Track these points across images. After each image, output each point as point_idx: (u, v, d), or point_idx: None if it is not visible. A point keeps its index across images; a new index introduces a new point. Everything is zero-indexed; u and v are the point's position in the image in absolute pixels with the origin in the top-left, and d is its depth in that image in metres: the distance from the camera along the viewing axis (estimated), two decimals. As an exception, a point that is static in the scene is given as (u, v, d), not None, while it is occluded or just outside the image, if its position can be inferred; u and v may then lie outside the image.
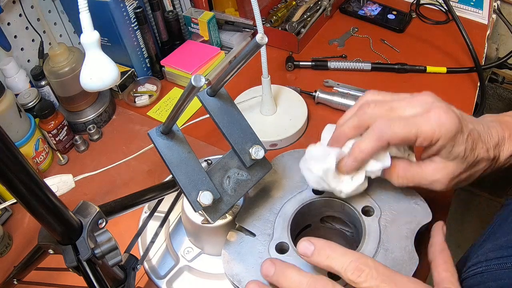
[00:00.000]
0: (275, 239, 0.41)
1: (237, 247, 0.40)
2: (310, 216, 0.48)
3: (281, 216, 0.43)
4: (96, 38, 0.56)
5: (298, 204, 0.45)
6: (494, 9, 1.05)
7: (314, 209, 0.46)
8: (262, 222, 0.42)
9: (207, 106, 0.48)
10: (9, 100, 0.72)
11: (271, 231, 0.41)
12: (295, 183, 0.47)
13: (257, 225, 0.42)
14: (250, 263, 0.38)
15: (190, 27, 0.98)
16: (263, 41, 0.36)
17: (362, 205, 0.44)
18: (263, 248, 0.40)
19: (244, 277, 0.36)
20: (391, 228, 0.42)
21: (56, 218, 0.39)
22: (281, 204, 0.44)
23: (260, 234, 0.41)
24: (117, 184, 0.77)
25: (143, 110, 0.91)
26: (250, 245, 0.40)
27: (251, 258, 0.38)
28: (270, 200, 0.45)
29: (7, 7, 0.79)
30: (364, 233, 0.41)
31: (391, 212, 0.43)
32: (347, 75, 0.92)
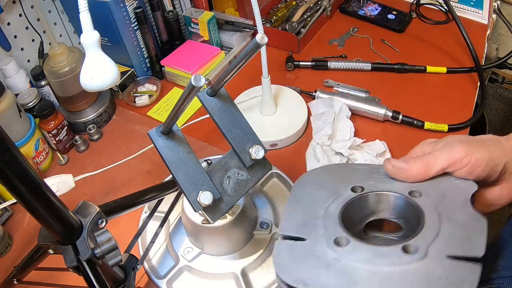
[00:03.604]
0: (330, 235, 0.37)
1: (290, 253, 0.36)
2: (354, 221, 0.44)
3: (327, 217, 0.40)
4: (96, 38, 0.56)
5: (342, 204, 0.42)
6: (494, 9, 1.05)
7: (358, 210, 0.43)
8: (309, 227, 0.39)
9: (207, 106, 0.48)
10: (9, 100, 0.72)
11: (322, 232, 0.38)
12: (331, 191, 0.44)
13: (304, 230, 0.39)
14: (311, 264, 0.35)
15: (190, 27, 0.98)
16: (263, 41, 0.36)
17: (407, 190, 0.42)
18: (320, 247, 0.37)
19: (309, 278, 0.33)
20: (443, 202, 0.40)
21: (56, 218, 0.39)
22: (324, 208, 0.41)
23: (311, 237, 0.38)
24: (117, 184, 0.77)
25: (143, 110, 0.91)
26: (305, 248, 0.37)
27: (311, 259, 0.36)
28: (309, 207, 0.42)
29: (7, 7, 0.79)
30: (422, 211, 0.39)
31: (437, 190, 0.41)
32: (347, 75, 0.92)
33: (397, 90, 0.88)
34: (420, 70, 0.90)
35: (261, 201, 0.69)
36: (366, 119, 0.82)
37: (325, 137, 0.73)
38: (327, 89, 0.89)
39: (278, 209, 0.69)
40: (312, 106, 0.81)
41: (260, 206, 0.68)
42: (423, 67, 0.90)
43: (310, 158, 0.71)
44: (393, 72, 0.91)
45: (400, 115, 0.79)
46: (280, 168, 0.73)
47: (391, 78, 0.91)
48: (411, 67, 0.90)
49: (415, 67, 0.90)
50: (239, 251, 0.63)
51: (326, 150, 0.72)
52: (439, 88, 0.87)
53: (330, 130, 0.73)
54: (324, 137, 0.73)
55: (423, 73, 0.90)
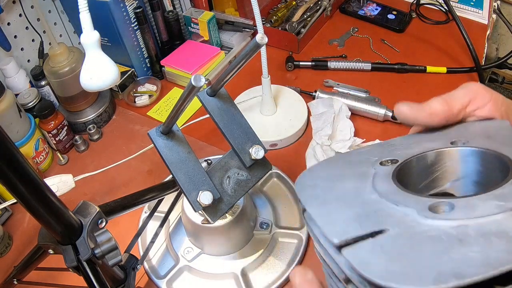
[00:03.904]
0: (419, 208, 0.26)
1: (385, 254, 0.24)
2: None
3: (388, 195, 0.29)
4: (96, 38, 0.56)
5: (389, 177, 0.30)
6: (494, 9, 1.05)
7: (415, 179, 0.32)
8: (373, 216, 0.27)
9: (207, 106, 0.48)
10: (9, 100, 0.72)
11: (402, 210, 0.27)
12: (357, 176, 0.33)
13: (369, 222, 0.27)
14: (431, 249, 0.23)
15: (190, 27, 0.98)
16: (263, 41, 0.36)
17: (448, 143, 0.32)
18: (422, 227, 0.25)
19: (455, 266, 0.21)
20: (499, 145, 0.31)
21: (56, 218, 0.39)
22: (370, 193, 0.30)
23: (390, 224, 0.26)
24: (117, 184, 0.77)
25: (143, 110, 0.91)
26: (400, 238, 0.25)
27: (425, 244, 0.24)
28: (347, 200, 0.31)
29: (7, 7, 0.79)
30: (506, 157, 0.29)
31: (477, 134, 0.33)
32: (347, 75, 0.92)
33: (397, 90, 0.88)
34: (420, 70, 0.90)
35: (261, 201, 0.69)
36: (366, 119, 0.82)
37: (325, 137, 0.73)
38: (327, 89, 0.89)
39: (278, 209, 0.69)
40: (312, 106, 0.81)
41: (260, 206, 0.68)
42: (423, 67, 0.90)
43: (310, 158, 0.71)
44: (393, 72, 0.91)
45: (400, 115, 0.79)
46: (280, 168, 0.73)
47: (391, 78, 0.91)
48: (411, 67, 0.90)
49: (415, 67, 0.90)
50: (239, 251, 0.63)
51: (326, 150, 0.72)
52: (439, 88, 0.87)
53: (330, 130, 0.73)
54: (324, 137, 0.73)
55: (423, 73, 0.90)
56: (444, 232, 0.23)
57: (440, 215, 0.24)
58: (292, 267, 0.61)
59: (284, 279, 0.60)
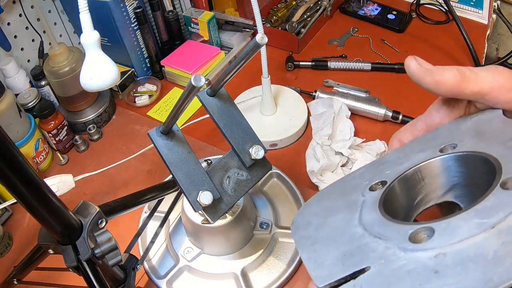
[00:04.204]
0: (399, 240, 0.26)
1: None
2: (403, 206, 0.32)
3: (372, 227, 0.28)
4: (96, 38, 0.56)
5: (375, 206, 0.30)
6: (494, 9, 1.05)
7: (398, 205, 0.31)
8: (357, 254, 0.27)
9: (207, 106, 0.48)
10: (9, 100, 0.72)
11: (383, 245, 0.26)
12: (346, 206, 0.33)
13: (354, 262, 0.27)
14: (409, 284, 0.23)
15: (190, 27, 0.98)
16: (263, 41, 0.36)
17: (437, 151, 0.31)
18: (400, 261, 0.25)
19: None
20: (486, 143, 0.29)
21: (56, 218, 0.39)
22: (356, 226, 0.30)
23: (370, 261, 0.26)
24: (117, 184, 0.77)
25: (143, 110, 0.91)
26: (379, 277, 0.25)
27: (403, 280, 0.24)
28: (335, 237, 0.30)
29: (7, 7, 0.79)
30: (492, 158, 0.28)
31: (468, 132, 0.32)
32: (347, 75, 0.92)
33: (397, 90, 0.88)
34: (420, 70, 0.90)
35: (261, 201, 0.69)
36: (366, 119, 0.82)
37: (325, 137, 0.73)
38: (327, 89, 0.89)
39: (278, 209, 0.69)
40: (312, 106, 0.81)
41: (260, 206, 0.68)
42: (423, 67, 0.90)
43: (310, 158, 0.71)
44: (393, 72, 0.91)
45: (400, 115, 0.79)
46: (280, 168, 0.73)
47: (391, 78, 0.91)
48: (411, 67, 0.90)
49: (415, 67, 0.90)
50: (239, 251, 0.63)
51: (326, 150, 0.72)
52: (439, 88, 0.87)
53: (330, 130, 0.73)
54: (324, 137, 0.73)
55: (423, 73, 0.90)
56: (422, 264, 0.23)
57: (419, 245, 0.24)
58: (292, 267, 0.61)
59: (284, 279, 0.60)
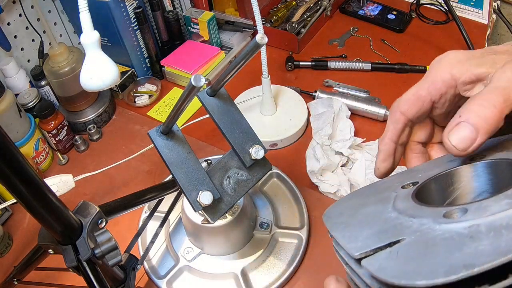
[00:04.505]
0: (435, 216, 0.27)
1: (400, 259, 0.25)
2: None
3: (406, 211, 0.30)
4: (96, 38, 0.56)
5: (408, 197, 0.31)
6: (494, 9, 1.05)
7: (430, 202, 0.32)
8: (391, 231, 0.29)
9: (207, 106, 0.48)
10: (9, 100, 0.72)
11: (418, 222, 0.28)
12: (378, 201, 0.34)
13: (388, 235, 0.28)
14: (445, 248, 0.24)
15: (190, 27, 0.98)
16: (263, 41, 0.36)
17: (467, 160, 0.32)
18: (436, 232, 0.26)
19: (466, 259, 0.22)
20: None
21: (56, 218, 0.39)
22: (390, 212, 0.31)
23: (406, 234, 0.27)
24: (117, 184, 0.77)
25: (143, 110, 0.91)
26: (415, 245, 0.26)
27: (440, 245, 0.25)
28: (369, 221, 0.32)
29: (7, 7, 0.79)
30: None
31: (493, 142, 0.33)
32: (347, 75, 0.92)
33: (397, 90, 0.88)
34: (420, 70, 0.90)
35: (261, 201, 0.69)
36: (366, 119, 0.82)
37: (325, 136, 0.73)
38: (327, 89, 0.89)
39: (278, 209, 0.69)
40: (311, 106, 0.81)
41: (260, 206, 0.68)
42: (423, 67, 0.90)
43: (310, 158, 0.71)
44: (393, 72, 0.91)
45: (400, 115, 0.79)
46: (280, 168, 0.73)
47: (391, 78, 0.91)
48: (411, 67, 0.90)
49: (415, 67, 0.90)
50: (239, 251, 0.63)
51: (326, 150, 0.72)
52: (439, 88, 0.87)
53: (330, 130, 0.73)
54: (324, 137, 0.73)
55: (423, 73, 0.90)
56: (456, 233, 0.24)
57: (453, 219, 0.26)
58: (292, 267, 0.61)
59: (284, 279, 0.60)
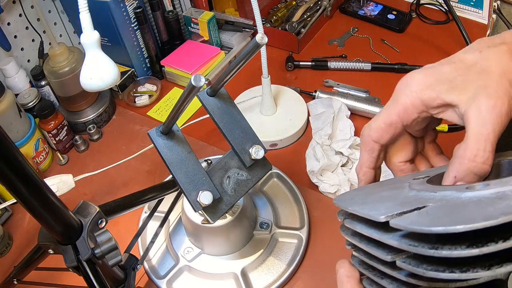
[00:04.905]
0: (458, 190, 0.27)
1: (430, 216, 0.24)
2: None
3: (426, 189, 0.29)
4: (96, 38, 0.56)
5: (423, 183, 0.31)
6: (494, 9, 1.05)
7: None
8: (414, 202, 0.27)
9: (207, 106, 0.48)
10: (9, 100, 0.72)
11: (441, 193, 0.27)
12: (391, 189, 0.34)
13: (410, 205, 0.27)
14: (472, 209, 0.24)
15: (190, 27, 0.98)
16: (263, 41, 0.36)
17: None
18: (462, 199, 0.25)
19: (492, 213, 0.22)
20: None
21: (56, 218, 0.39)
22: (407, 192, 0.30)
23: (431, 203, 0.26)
24: (117, 184, 0.77)
25: (143, 110, 0.91)
26: (444, 207, 0.25)
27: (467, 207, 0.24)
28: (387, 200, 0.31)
29: (7, 7, 0.79)
30: None
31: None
32: (347, 75, 0.92)
33: (397, 90, 0.88)
34: (420, 70, 0.90)
35: (261, 201, 0.69)
36: (366, 119, 0.82)
37: (325, 136, 0.73)
38: (327, 89, 0.89)
39: (278, 209, 0.69)
40: (311, 106, 0.81)
41: (260, 206, 0.68)
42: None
43: (310, 158, 0.71)
44: (393, 72, 0.91)
45: (400, 115, 0.79)
46: (280, 168, 0.73)
47: (391, 78, 0.91)
48: (411, 67, 0.90)
49: (415, 67, 0.90)
50: (239, 251, 0.63)
51: (326, 150, 0.72)
52: (439, 88, 0.87)
53: (330, 130, 0.73)
54: (324, 137, 0.73)
55: (423, 73, 0.90)
56: (484, 197, 0.24)
57: (477, 189, 0.26)
58: (292, 267, 0.61)
59: (284, 279, 0.60)
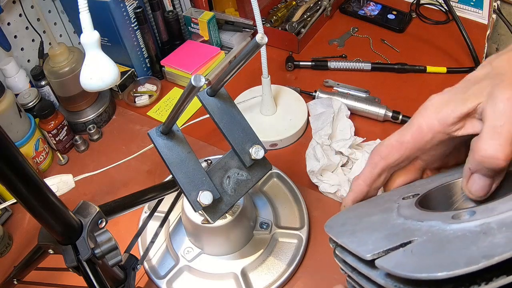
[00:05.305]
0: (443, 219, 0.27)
1: (415, 256, 0.25)
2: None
3: (413, 217, 0.30)
4: (96, 38, 0.56)
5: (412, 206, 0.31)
6: (494, 9, 1.05)
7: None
8: (401, 234, 0.28)
9: (207, 106, 0.48)
10: (9, 100, 0.72)
11: (427, 225, 0.28)
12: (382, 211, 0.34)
13: (398, 238, 0.28)
14: (457, 246, 0.24)
15: (190, 27, 0.98)
16: (263, 41, 0.36)
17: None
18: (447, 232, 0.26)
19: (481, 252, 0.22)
20: None
21: (56, 218, 0.39)
22: (395, 219, 0.31)
23: (417, 236, 0.27)
24: (117, 184, 0.77)
25: (143, 110, 0.91)
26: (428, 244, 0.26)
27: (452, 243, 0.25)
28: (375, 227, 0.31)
29: (7, 7, 0.79)
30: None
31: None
32: (347, 75, 0.92)
33: (397, 90, 0.88)
34: (420, 70, 0.90)
35: (261, 201, 0.69)
36: (366, 119, 0.82)
37: (325, 136, 0.73)
38: (327, 89, 0.89)
39: (278, 209, 0.69)
40: (311, 106, 0.81)
41: (260, 206, 0.68)
42: (423, 67, 0.90)
43: (310, 158, 0.71)
44: (393, 72, 0.91)
45: (400, 115, 0.79)
46: (280, 168, 0.73)
47: (391, 78, 0.91)
48: (411, 67, 0.90)
49: (415, 67, 0.90)
50: (239, 251, 0.63)
51: (326, 149, 0.72)
52: (439, 88, 0.86)
53: (329, 130, 0.73)
54: (324, 137, 0.73)
55: (423, 73, 0.90)
56: (468, 230, 0.24)
57: (462, 220, 0.26)
58: (292, 267, 0.61)
59: (284, 279, 0.60)
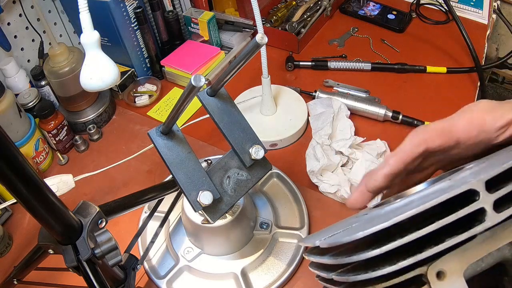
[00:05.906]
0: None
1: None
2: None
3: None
4: (96, 38, 0.56)
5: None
6: (494, 9, 1.05)
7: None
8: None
9: (207, 106, 0.48)
10: (9, 100, 0.72)
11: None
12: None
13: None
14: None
15: (190, 27, 0.98)
16: (263, 41, 0.36)
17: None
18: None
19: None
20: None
21: (56, 218, 0.39)
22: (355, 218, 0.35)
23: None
24: (117, 184, 0.77)
25: (143, 110, 0.91)
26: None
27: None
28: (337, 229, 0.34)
29: (7, 7, 0.79)
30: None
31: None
32: (347, 75, 0.92)
33: (397, 90, 0.88)
34: (420, 70, 0.90)
35: (261, 201, 0.69)
36: (366, 119, 0.82)
37: (325, 136, 0.73)
38: (327, 89, 0.89)
39: (278, 209, 0.69)
40: (311, 106, 0.81)
41: (260, 206, 0.68)
42: (423, 67, 0.90)
43: (310, 158, 0.71)
44: (393, 72, 0.91)
45: (400, 115, 0.79)
46: (280, 168, 0.73)
47: (391, 78, 0.91)
48: (411, 67, 0.90)
49: (415, 67, 0.90)
50: (239, 251, 0.63)
51: (326, 149, 0.72)
52: (439, 88, 0.87)
53: (329, 130, 0.73)
54: (324, 137, 0.73)
55: (423, 73, 0.90)
56: (396, 207, 0.30)
57: (392, 203, 0.33)
58: (292, 267, 0.61)
59: (284, 279, 0.60)
